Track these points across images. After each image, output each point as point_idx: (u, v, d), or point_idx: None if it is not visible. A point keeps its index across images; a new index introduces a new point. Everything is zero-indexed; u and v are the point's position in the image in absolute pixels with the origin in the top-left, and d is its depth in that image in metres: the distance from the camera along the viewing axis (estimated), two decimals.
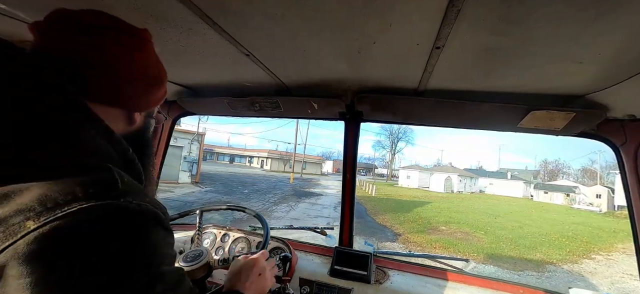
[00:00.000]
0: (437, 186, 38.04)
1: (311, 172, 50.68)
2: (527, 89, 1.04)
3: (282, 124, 50.64)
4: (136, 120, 0.62)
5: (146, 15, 0.75)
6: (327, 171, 64.50)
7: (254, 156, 57.12)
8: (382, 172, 66.63)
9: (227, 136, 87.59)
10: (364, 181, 38.61)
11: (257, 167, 52.42)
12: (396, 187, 39.19)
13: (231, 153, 59.72)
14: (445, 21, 0.67)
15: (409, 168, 47.27)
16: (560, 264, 8.98)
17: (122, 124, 0.59)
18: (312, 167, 53.75)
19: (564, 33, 0.67)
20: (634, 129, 1.12)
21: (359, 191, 24.10)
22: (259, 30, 0.81)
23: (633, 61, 0.75)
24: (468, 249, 9.68)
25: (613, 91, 0.93)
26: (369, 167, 74.62)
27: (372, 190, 25.22)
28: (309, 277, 1.42)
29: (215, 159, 57.02)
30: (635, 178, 1.14)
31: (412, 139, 62.52)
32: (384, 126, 59.94)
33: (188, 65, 1.15)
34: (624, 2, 0.55)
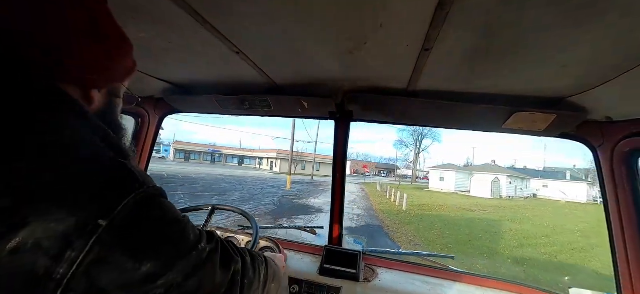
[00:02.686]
0: (482, 190, 29.86)
1: (326, 174, 44.39)
2: (512, 91, 1.07)
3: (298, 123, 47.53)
4: (94, 99, 0.53)
5: (132, 9, 0.73)
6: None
7: (263, 157, 54.13)
8: (406, 174, 57.96)
9: (239, 136, 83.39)
10: (386, 183, 31.62)
11: (266, 169, 49.19)
12: (428, 191, 31.23)
13: (240, 155, 57.43)
14: (433, 23, 0.68)
15: (441, 168, 38.39)
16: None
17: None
18: (326, 168, 47.57)
19: (548, 38, 0.69)
20: (611, 131, 1.17)
21: (382, 201, 18.09)
22: (250, 28, 0.80)
23: (611, 66, 0.79)
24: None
25: (592, 94, 0.97)
26: (390, 169, 67.38)
27: (401, 200, 16.43)
28: (299, 276, 1.43)
29: (224, 161, 55.41)
30: (611, 179, 1.19)
31: (439, 135, 53.52)
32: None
33: (176, 62, 1.12)
34: (605, 12, 0.57)
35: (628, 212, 1.15)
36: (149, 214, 0.43)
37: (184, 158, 54.31)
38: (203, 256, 0.49)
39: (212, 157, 55.97)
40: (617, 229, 1.18)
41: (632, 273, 1.14)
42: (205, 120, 65.42)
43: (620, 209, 1.17)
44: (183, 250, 0.46)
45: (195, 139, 68.51)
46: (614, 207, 1.20)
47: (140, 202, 0.41)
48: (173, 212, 0.48)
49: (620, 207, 1.17)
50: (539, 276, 6.90)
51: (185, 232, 0.48)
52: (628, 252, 1.15)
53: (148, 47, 0.97)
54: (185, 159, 54.17)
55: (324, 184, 27.42)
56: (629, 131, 1.11)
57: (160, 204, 0.46)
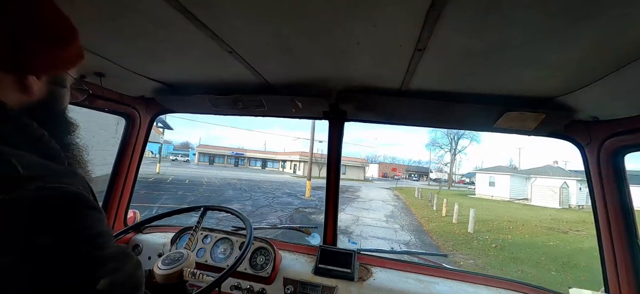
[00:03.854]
0: (547, 197, 23.19)
1: (351, 178, 43.24)
2: (502, 91, 1.09)
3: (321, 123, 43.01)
4: (32, 86, 0.48)
5: (123, 7, 0.72)
6: (371, 176, 55.93)
7: (286, 160, 51.56)
8: (438, 177, 52.26)
9: (264, 138, 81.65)
10: (424, 189, 27.22)
11: (289, 173, 46.51)
12: (475, 198, 25.09)
13: (263, 158, 56.03)
14: (426, 24, 0.69)
15: (490, 171, 30.43)
16: None
17: (14, 94, 0.47)
18: (353, 171, 45.90)
19: (537, 39, 0.71)
20: (597, 130, 1.20)
21: (429, 214, 13.53)
22: (242, 26, 0.79)
23: (596, 67, 0.81)
24: None
25: (579, 94, 1.00)
26: (421, 172, 63.30)
27: (451, 210, 12.71)
28: (293, 276, 1.42)
29: (247, 164, 54.73)
30: (597, 176, 1.23)
31: (478, 136, 46.99)
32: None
33: (167, 61, 1.11)
34: (591, 15, 0.59)
35: (614, 209, 1.18)
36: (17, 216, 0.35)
37: (208, 161, 53.73)
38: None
39: (236, 161, 55.42)
40: (604, 226, 1.22)
41: (619, 269, 1.17)
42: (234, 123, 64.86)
43: (607, 206, 1.20)
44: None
45: (225, 143, 67.74)
46: (600, 204, 1.23)
47: (17, 204, 0.35)
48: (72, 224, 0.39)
49: (607, 204, 1.20)
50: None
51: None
52: (614, 249, 1.19)
53: (139, 46, 0.95)
54: (209, 162, 53.57)
55: (351, 191, 23.14)
56: (614, 130, 1.14)
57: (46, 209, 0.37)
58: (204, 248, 1.60)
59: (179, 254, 1.08)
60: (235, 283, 1.44)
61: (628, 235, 1.16)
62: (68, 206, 0.39)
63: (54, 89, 0.54)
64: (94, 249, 0.39)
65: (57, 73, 0.54)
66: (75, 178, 0.43)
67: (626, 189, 1.17)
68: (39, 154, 0.43)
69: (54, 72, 0.53)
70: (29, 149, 0.42)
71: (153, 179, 17.80)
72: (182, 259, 1.05)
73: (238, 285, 1.43)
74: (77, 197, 0.40)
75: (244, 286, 1.43)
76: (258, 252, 1.52)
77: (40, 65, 0.49)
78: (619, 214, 1.17)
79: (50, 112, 0.53)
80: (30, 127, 0.45)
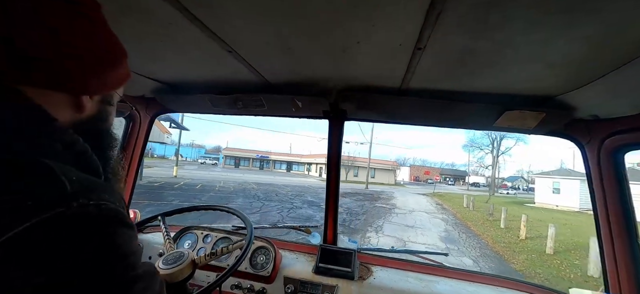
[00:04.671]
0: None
1: (381, 181, 40.67)
2: (503, 90, 1.09)
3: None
4: (85, 106, 0.52)
5: (123, 7, 0.72)
6: (402, 180, 52.75)
7: (311, 162, 49.69)
8: (477, 181, 49.11)
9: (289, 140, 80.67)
10: (466, 195, 21.86)
11: (315, 176, 43.92)
12: (537, 208, 20.88)
13: (288, 160, 54.90)
14: (426, 23, 0.69)
15: (554, 175, 24.75)
16: None
17: (69, 112, 0.50)
18: (382, 174, 43.46)
19: (537, 38, 0.71)
20: (597, 129, 1.20)
21: (504, 237, 9.83)
22: (241, 26, 0.79)
23: (596, 66, 0.81)
24: None
25: (579, 93, 1.00)
26: (457, 175, 58.71)
27: (529, 230, 9.91)
28: (294, 275, 1.42)
29: (272, 167, 54.19)
30: (598, 175, 1.23)
31: (524, 135, 39.81)
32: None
33: (167, 61, 1.11)
34: (590, 14, 0.59)
35: (614, 208, 1.18)
36: (67, 237, 0.35)
37: (234, 165, 53.60)
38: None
39: (261, 164, 55.10)
40: (605, 225, 1.22)
41: (619, 268, 1.17)
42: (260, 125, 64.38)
43: (607, 205, 1.20)
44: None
45: (252, 146, 67.26)
46: (601, 203, 1.23)
47: (59, 221, 0.35)
48: (118, 245, 0.40)
49: (607, 203, 1.20)
50: None
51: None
52: (615, 248, 1.18)
53: (139, 46, 0.95)
54: (234, 165, 53.50)
55: (384, 198, 19.93)
56: (615, 128, 1.14)
57: (100, 231, 0.39)
58: (205, 247, 1.60)
59: (179, 253, 1.08)
60: (236, 282, 1.44)
61: (628, 234, 1.16)
62: (107, 224, 0.40)
63: (103, 108, 0.57)
64: (128, 269, 0.41)
65: (108, 93, 0.58)
66: (114, 194, 0.44)
67: (626, 187, 1.17)
68: (81, 168, 0.44)
69: (106, 92, 0.57)
70: (73, 163, 0.44)
71: (160, 184, 16.52)
72: (183, 257, 1.06)
73: (239, 284, 1.44)
74: (116, 215, 0.41)
75: (244, 285, 1.43)
76: (258, 251, 1.52)
77: (95, 86, 0.52)
78: (619, 212, 1.17)
79: (98, 128, 0.56)
80: (76, 143, 0.47)
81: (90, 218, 0.38)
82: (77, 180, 0.40)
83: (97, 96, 0.55)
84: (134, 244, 0.44)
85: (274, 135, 74.19)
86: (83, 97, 0.51)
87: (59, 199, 0.36)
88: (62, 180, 0.38)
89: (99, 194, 0.41)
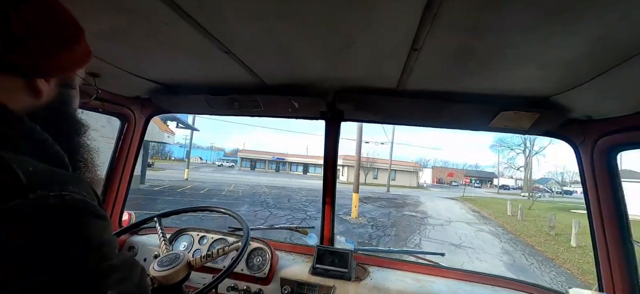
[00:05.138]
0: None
1: (402, 184, 38.06)
2: (498, 90, 1.10)
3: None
4: (42, 90, 0.48)
5: (117, 7, 0.71)
6: (424, 182, 49.67)
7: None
8: (506, 184, 44.81)
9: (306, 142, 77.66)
10: (508, 200, 18.30)
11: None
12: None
13: (304, 162, 52.61)
14: (422, 24, 0.69)
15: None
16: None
17: (24, 98, 0.46)
18: (404, 177, 40.61)
19: (532, 39, 0.71)
20: (591, 129, 1.21)
21: (554, 249, 8.49)
22: (237, 26, 0.79)
23: (590, 67, 0.82)
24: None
25: (573, 94, 1.01)
26: (484, 178, 53.64)
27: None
28: (290, 277, 1.42)
29: (288, 169, 53.06)
30: (591, 175, 1.24)
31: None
32: None
33: (163, 61, 1.10)
34: (584, 16, 0.60)
35: (608, 207, 1.20)
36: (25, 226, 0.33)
37: (250, 167, 52.80)
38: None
39: (277, 166, 54.07)
40: (598, 224, 1.23)
41: (612, 266, 1.19)
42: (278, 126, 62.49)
43: (600, 204, 1.22)
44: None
45: (269, 148, 65.94)
46: (594, 203, 1.24)
47: (14, 215, 0.33)
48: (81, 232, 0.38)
49: (600, 203, 1.22)
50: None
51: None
52: (608, 247, 1.20)
53: (134, 46, 0.95)
54: (250, 167, 52.72)
55: (410, 204, 17.23)
56: (608, 129, 1.16)
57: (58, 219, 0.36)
58: (200, 248, 1.59)
59: (174, 255, 1.07)
60: (232, 284, 1.43)
61: (621, 233, 1.17)
62: (72, 215, 0.38)
63: (63, 91, 0.53)
64: (100, 260, 0.38)
65: (66, 74, 0.54)
66: (80, 184, 0.41)
67: (619, 187, 1.19)
68: (42, 158, 0.42)
69: (63, 74, 0.53)
70: (32, 154, 0.41)
71: (161, 189, 15.16)
72: (179, 259, 1.05)
73: (235, 286, 1.43)
74: (84, 205, 0.39)
75: (240, 287, 1.42)
76: (255, 253, 1.51)
77: (49, 67, 0.48)
78: (612, 212, 1.19)
79: (60, 114, 0.52)
80: (34, 131, 0.44)
81: (51, 210, 0.36)
82: (34, 171, 0.37)
83: (55, 79, 0.51)
84: (108, 235, 0.42)
85: (291, 136, 73.32)
86: (38, 80, 0.48)
87: (14, 191, 0.34)
88: (15, 171, 0.35)
89: (61, 184, 0.38)
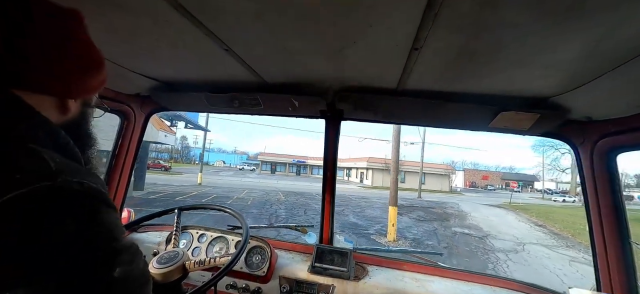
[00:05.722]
0: None
1: (433, 188, 34.85)
2: (498, 91, 1.10)
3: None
4: (70, 108, 0.58)
5: (119, 5, 0.71)
6: (456, 186, 46.13)
7: (351, 167, 45.11)
8: (550, 188, 40.93)
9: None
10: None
11: (355, 182, 40.10)
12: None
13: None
14: (422, 24, 0.69)
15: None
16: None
17: (54, 113, 0.55)
18: (435, 180, 36.89)
19: (532, 41, 0.71)
20: (591, 130, 1.22)
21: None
22: (239, 25, 0.79)
23: (590, 68, 0.82)
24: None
25: (573, 95, 1.01)
26: (524, 181, 48.24)
27: None
28: (289, 275, 1.42)
29: (309, 172, 52.56)
30: (590, 175, 1.24)
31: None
32: None
33: (163, 59, 1.10)
34: (584, 17, 0.60)
35: (607, 208, 1.20)
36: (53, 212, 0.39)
37: (270, 170, 52.25)
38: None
39: (297, 169, 53.70)
40: (597, 224, 1.23)
41: (610, 266, 1.19)
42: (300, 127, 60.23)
43: (599, 205, 1.22)
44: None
45: (290, 152, 65.16)
46: (593, 203, 1.24)
47: (45, 193, 0.38)
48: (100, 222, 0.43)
49: (599, 203, 1.22)
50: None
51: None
52: (606, 247, 1.20)
53: (134, 44, 0.95)
54: (271, 171, 52.27)
55: (453, 213, 14.40)
56: (608, 130, 1.16)
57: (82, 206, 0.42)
58: (200, 246, 1.59)
59: (173, 253, 1.08)
60: (231, 282, 1.43)
61: (620, 234, 1.17)
62: (90, 199, 0.43)
63: (84, 110, 0.63)
64: (111, 240, 0.44)
65: (88, 96, 0.64)
66: (96, 178, 0.47)
67: (618, 188, 1.19)
68: (64, 156, 0.48)
69: (87, 96, 0.63)
70: (57, 151, 0.47)
71: (163, 195, 13.96)
72: (177, 258, 1.05)
73: (234, 284, 1.43)
74: (100, 194, 0.45)
75: (239, 285, 1.42)
76: (254, 251, 1.51)
77: (78, 90, 0.58)
78: (611, 213, 1.19)
79: (80, 128, 0.62)
80: (59, 134, 0.51)
81: (74, 193, 0.41)
82: (60, 162, 0.43)
83: (79, 100, 0.61)
84: (118, 223, 0.47)
85: (311, 139, 71.72)
86: (69, 101, 0.57)
87: (45, 174, 0.40)
88: (46, 160, 0.42)
89: (82, 175, 0.44)
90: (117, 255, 0.43)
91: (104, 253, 0.42)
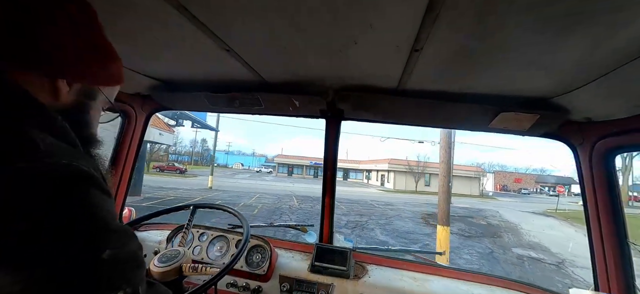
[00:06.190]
0: None
1: (461, 192, 32.15)
2: (498, 91, 1.10)
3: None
4: (61, 91, 0.52)
5: (120, 4, 0.71)
6: (486, 190, 42.11)
7: (371, 169, 43.15)
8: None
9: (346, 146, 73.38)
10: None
11: (376, 185, 37.85)
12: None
13: (345, 167, 49.13)
14: (423, 25, 0.69)
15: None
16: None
17: (43, 95, 0.50)
18: (463, 183, 33.39)
19: (532, 41, 0.72)
20: (590, 131, 1.22)
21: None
22: (240, 25, 0.79)
23: (590, 69, 0.82)
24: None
25: (572, 96, 1.01)
26: (562, 183, 44.27)
27: None
28: (289, 274, 1.43)
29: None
30: (589, 176, 1.25)
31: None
32: None
33: (164, 59, 1.10)
34: (585, 18, 0.60)
35: (605, 209, 1.21)
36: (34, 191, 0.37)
37: (287, 173, 51.41)
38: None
39: (315, 171, 52.21)
40: (595, 225, 1.24)
41: (608, 268, 1.20)
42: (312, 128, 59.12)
43: (598, 206, 1.23)
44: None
45: (308, 153, 64.05)
46: (592, 204, 1.25)
47: (31, 173, 0.38)
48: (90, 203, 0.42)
49: (598, 204, 1.23)
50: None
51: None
52: (605, 249, 1.21)
53: (135, 43, 0.95)
54: (288, 173, 51.44)
55: (499, 226, 12.55)
56: (607, 131, 1.16)
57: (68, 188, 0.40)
58: (200, 245, 1.60)
59: (175, 251, 1.08)
60: (232, 280, 1.44)
61: (618, 235, 1.18)
62: (79, 182, 0.42)
63: (82, 100, 0.57)
64: (100, 222, 0.42)
65: (88, 85, 0.58)
66: (89, 162, 0.46)
67: (617, 189, 1.20)
68: (58, 139, 0.46)
69: (85, 83, 0.57)
70: (51, 134, 0.46)
71: (161, 201, 12.48)
72: (178, 257, 1.05)
73: (234, 283, 1.44)
74: (89, 176, 0.43)
75: (240, 283, 1.43)
76: (254, 250, 1.52)
77: (75, 73, 0.53)
78: (609, 213, 1.20)
79: (76, 119, 0.56)
80: (55, 119, 0.48)
81: (61, 174, 0.40)
82: (51, 143, 0.42)
83: (76, 86, 0.55)
84: (110, 207, 0.45)
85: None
86: (59, 82, 0.51)
87: (32, 155, 0.39)
88: (35, 140, 0.41)
89: (71, 156, 0.43)
90: (106, 237, 0.42)
91: (90, 235, 0.40)
